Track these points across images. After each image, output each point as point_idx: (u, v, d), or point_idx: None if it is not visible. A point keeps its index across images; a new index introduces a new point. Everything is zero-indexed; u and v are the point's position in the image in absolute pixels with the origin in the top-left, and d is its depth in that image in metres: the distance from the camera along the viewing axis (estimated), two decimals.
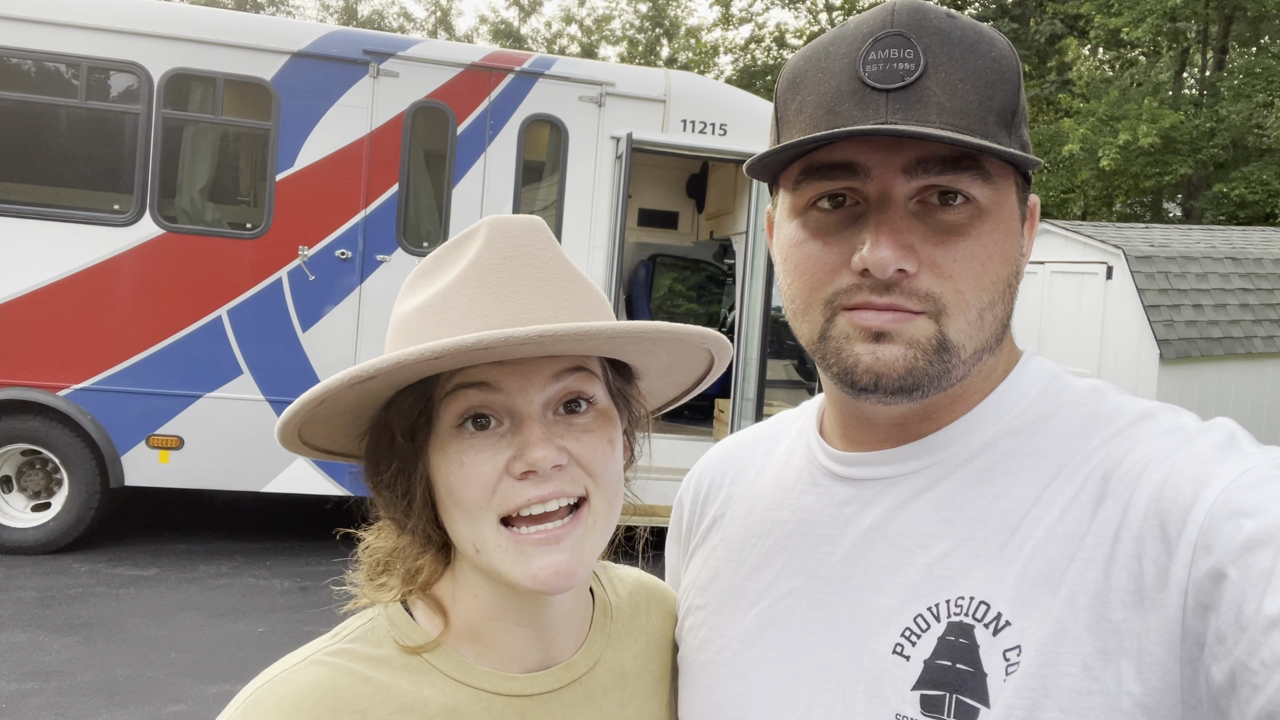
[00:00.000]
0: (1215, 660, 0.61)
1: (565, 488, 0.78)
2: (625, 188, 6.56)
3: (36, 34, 5.89)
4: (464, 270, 0.80)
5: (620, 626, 0.95)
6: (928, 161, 0.73)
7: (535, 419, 0.78)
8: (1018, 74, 0.77)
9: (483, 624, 0.84)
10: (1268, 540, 0.60)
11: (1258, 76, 17.56)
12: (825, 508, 0.86)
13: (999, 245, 0.76)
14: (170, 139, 6.12)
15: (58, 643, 4.75)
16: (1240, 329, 9.19)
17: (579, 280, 0.84)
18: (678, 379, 0.96)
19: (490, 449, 0.77)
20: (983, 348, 0.78)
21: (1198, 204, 19.08)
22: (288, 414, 0.77)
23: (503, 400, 0.78)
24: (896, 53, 0.73)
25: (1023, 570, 0.72)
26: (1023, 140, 0.78)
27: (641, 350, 0.85)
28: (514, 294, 0.78)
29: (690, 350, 0.88)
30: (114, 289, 6.02)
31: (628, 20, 32.23)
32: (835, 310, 0.76)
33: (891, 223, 0.73)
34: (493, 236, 0.81)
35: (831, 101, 0.75)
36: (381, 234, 6.30)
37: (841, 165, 0.75)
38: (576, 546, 0.78)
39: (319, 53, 6.21)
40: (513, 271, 0.80)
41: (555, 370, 0.79)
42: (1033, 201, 0.83)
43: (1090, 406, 0.79)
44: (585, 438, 0.80)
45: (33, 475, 6.18)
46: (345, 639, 0.82)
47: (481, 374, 0.77)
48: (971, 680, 0.70)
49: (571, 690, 0.87)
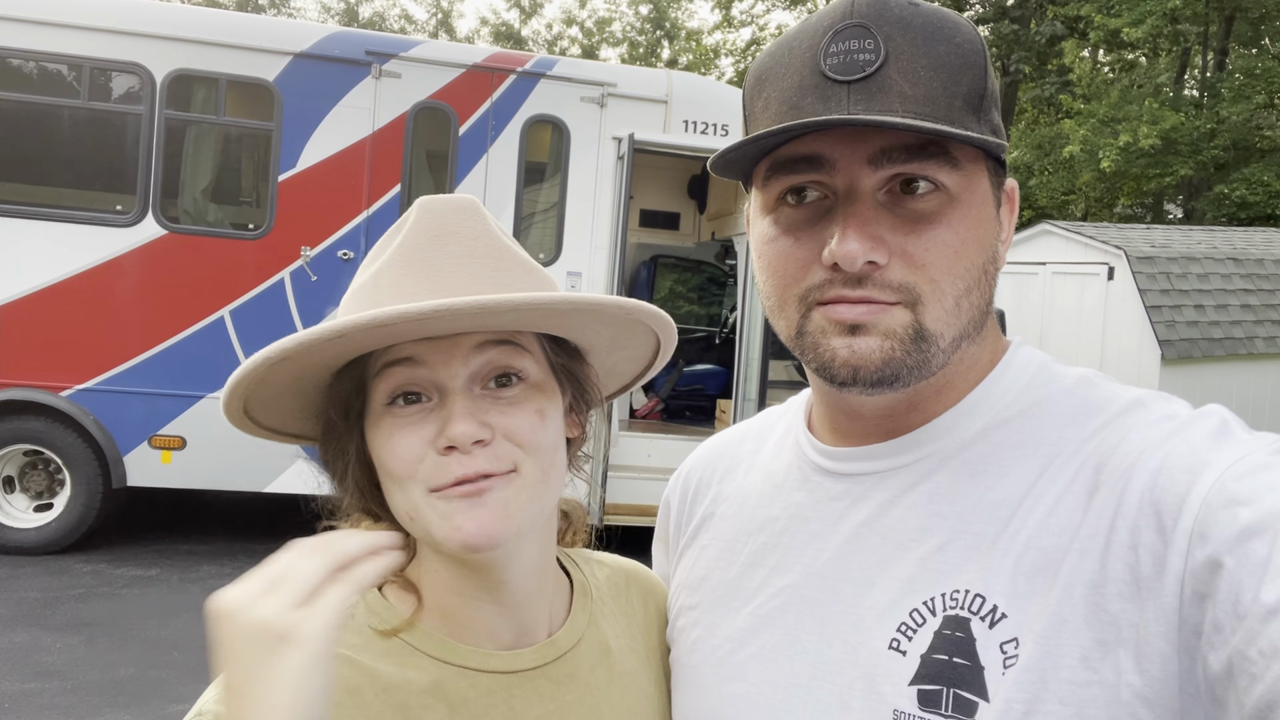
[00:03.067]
0: (1212, 649, 0.60)
1: (490, 465, 0.77)
2: (627, 188, 6.55)
3: (39, 35, 5.90)
4: (393, 252, 0.81)
5: (601, 605, 0.96)
6: (892, 151, 0.72)
7: (459, 393, 0.78)
8: (984, 57, 0.76)
9: (448, 600, 0.85)
10: (1264, 528, 0.60)
11: (1258, 77, 17.55)
12: (816, 504, 0.86)
13: (971, 231, 0.75)
14: (173, 140, 6.13)
15: (60, 643, 4.75)
16: (1242, 329, 9.19)
17: (509, 256, 0.84)
18: (631, 354, 0.95)
19: (417, 423, 0.78)
20: (961, 335, 0.77)
21: (1199, 205, 19.07)
22: (223, 395, 0.78)
23: (428, 375, 0.78)
24: (856, 44, 0.72)
25: (1017, 562, 0.71)
26: (993, 124, 0.77)
27: (572, 324, 0.84)
28: (436, 272, 0.79)
29: (624, 324, 0.87)
30: (116, 289, 6.02)
31: (628, 22, 32.23)
32: (810, 306, 0.76)
33: (859, 215, 0.73)
34: (420, 217, 0.83)
35: (794, 96, 0.74)
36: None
37: (806, 159, 0.74)
38: (501, 504, 0.78)
39: (321, 53, 6.21)
40: (436, 250, 0.81)
41: (477, 342, 0.79)
42: (1009, 185, 0.82)
43: (1081, 395, 0.79)
44: (511, 410, 0.80)
45: (35, 476, 6.18)
46: None
47: (406, 350, 0.78)
48: (969, 674, 0.70)
49: (557, 666, 0.87)
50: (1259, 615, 0.58)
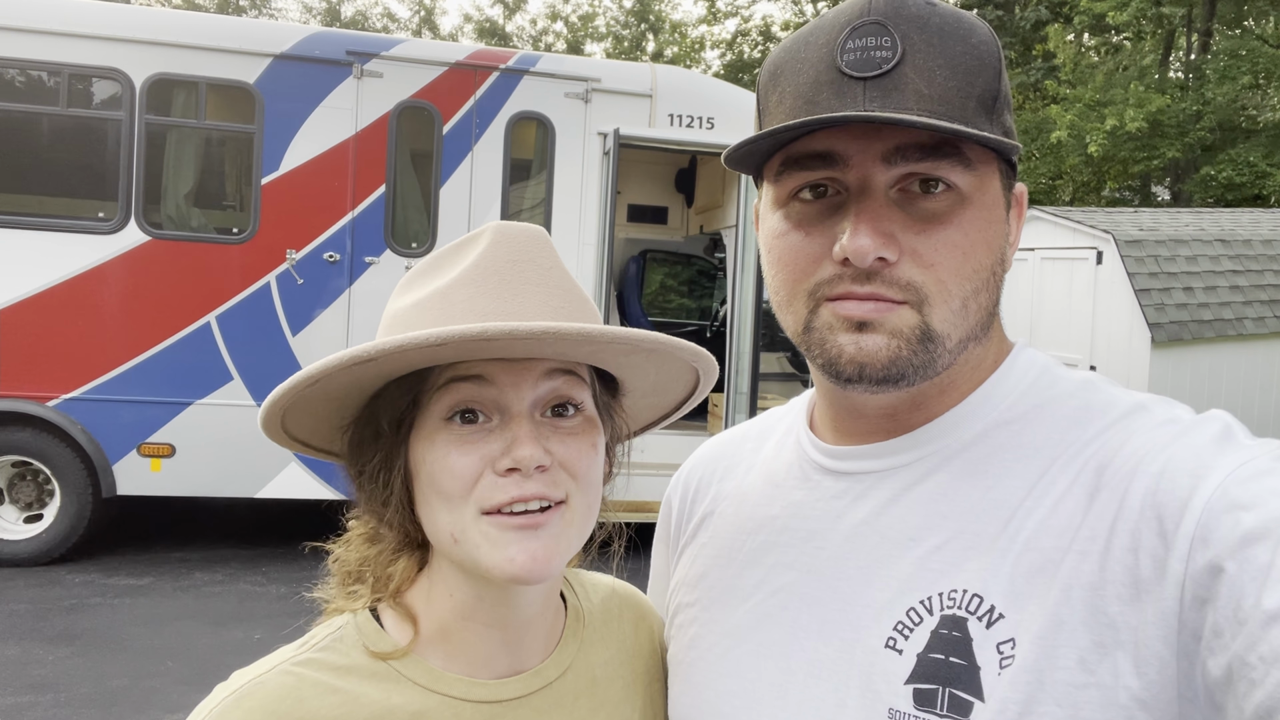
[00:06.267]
0: (1212, 654, 0.60)
1: (547, 490, 0.78)
2: (614, 183, 6.54)
3: (16, 42, 5.85)
4: (466, 270, 0.80)
5: (592, 633, 0.95)
6: (906, 149, 0.72)
7: (524, 417, 0.78)
8: (999, 60, 0.77)
9: (454, 624, 0.84)
10: (1266, 534, 0.60)
11: (1243, 58, 17.62)
12: (816, 502, 0.86)
13: (981, 233, 0.76)
14: (154, 145, 6.09)
15: (53, 655, 4.72)
16: (1231, 311, 9.22)
17: (577, 291, 0.85)
18: (659, 401, 0.98)
19: (477, 443, 0.78)
20: (968, 337, 0.77)
21: (1186, 187, 19.14)
22: (279, 392, 0.77)
23: (494, 395, 0.78)
24: (874, 41, 0.73)
25: (1016, 563, 0.71)
26: (1005, 126, 0.77)
27: (633, 363, 0.86)
28: (515, 296, 0.79)
29: (678, 370, 0.89)
30: (101, 297, 5.98)
31: (613, 17, 32.18)
32: (818, 301, 0.76)
33: (871, 211, 0.73)
34: (497, 240, 0.82)
35: (810, 91, 0.75)
36: (369, 236, 6.28)
37: (821, 155, 0.75)
38: (553, 538, 0.78)
39: (302, 54, 6.17)
40: (515, 275, 0.80)
41: (546, 369, 0.80)
42: (1019, 189, 0.83)
43: (1083, 398, 0.79)
44: (570, 441, 0.80)
45: (24, 487, 6.15)
46: (313, 648, 0.82)
47: (476, 368, 0.78)
48: (965, 674, 0.70)
49: (541, 696, 0.86)
50: (1260, 621, 0.58)
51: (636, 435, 1.02)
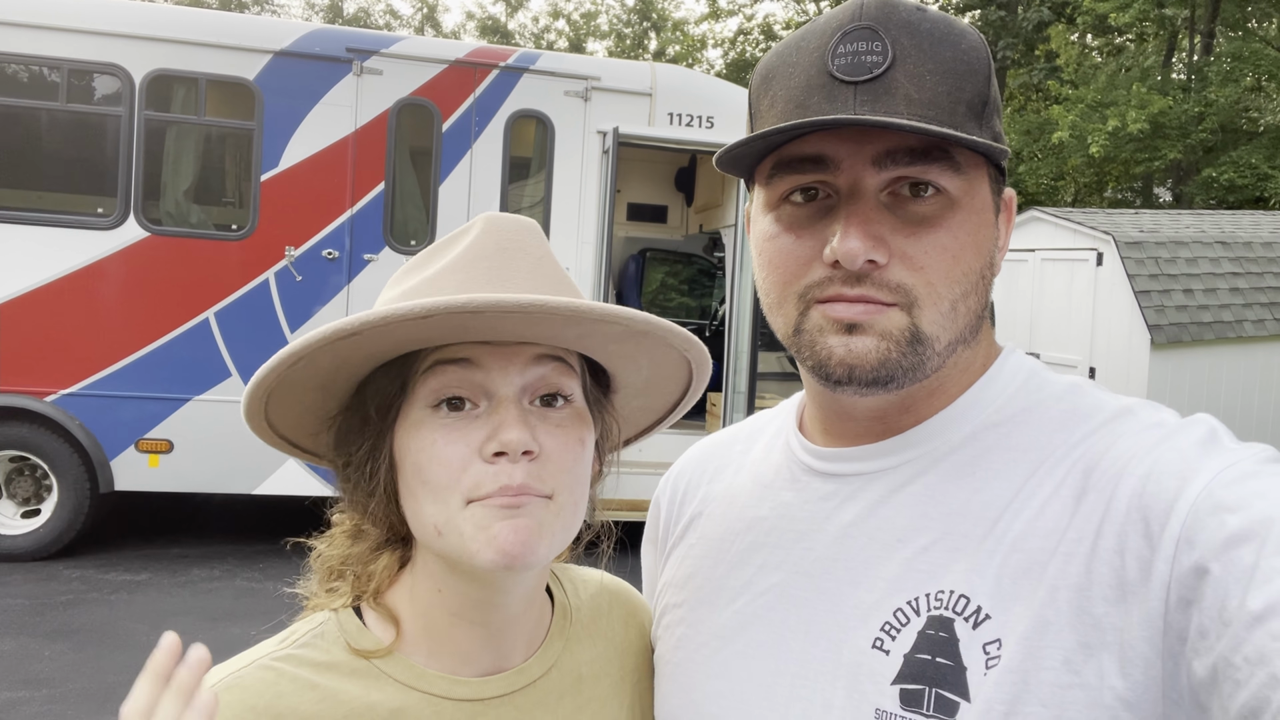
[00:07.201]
0: (1197, 655, 0.61)
1: (534, 484, 0.76)
2: (613, 182, 6.54)
3: (15, 37, 5.84)
4: (455, 257, 0.80)
5: (579, 629, 0.94)
6: (896, 153, 0.73)
7: (512, 401, 0.77)
8: (988, 65, 0.78)
9: (437, 622, 0.83)
10: (1250, 535, 0.60)
11: (1245, 60, 17.61)
12: (805, 503, 0.86)
13: (971, 236, 0.76)
14: (153, 141, 6.09)
15: (49, 650, 4.72)
16: (1230, 313, 9.21)
17: (568, 281, 0.84)
18: (651, 403, 0.96)
19: (464, 429, 0.76)
20: (957, 339, 0.78)
21: (1187, 189, 19.13)
22: (261, 373, 0.75)
23: (481, 379, 0.77)
24: (864, 45, 0.73)
25: (1003, 564, 0.72)
26: (994, 131, 0.78)
27: (623, 352, 0.85)
28: (504, 281, 0.78)
29: (670, 364, 0.88)
30: (100, 293, 5.98)
31: (615, 15, 32.17)
32: (808, 303, 0.77)
33: (861, 214, 0.73)
34: (487, 229, 0.82)
35: (801, 95, 0.75)
36: (368, 233, 6.27)
37: (812, 158, 0.75)
38: (538, 522, 0.76)
39: (301, 51, 6.17)
40: (504, 261, 0.80)
41: (535, 354, 0.79)
42: (1008, 194, 0.84)
43: (1070, 402, 0.79)
44: (558, 433, 0.79)
45: (21, 481, 6.15)
46: (294, 644, 0.81)
47: (463, 350, 0.77)
48: (951, 674, 0.70)
49: (525, 694, 0.86)
50: (1244, 622, 0.58)
51: (629, 444, 1.00)
